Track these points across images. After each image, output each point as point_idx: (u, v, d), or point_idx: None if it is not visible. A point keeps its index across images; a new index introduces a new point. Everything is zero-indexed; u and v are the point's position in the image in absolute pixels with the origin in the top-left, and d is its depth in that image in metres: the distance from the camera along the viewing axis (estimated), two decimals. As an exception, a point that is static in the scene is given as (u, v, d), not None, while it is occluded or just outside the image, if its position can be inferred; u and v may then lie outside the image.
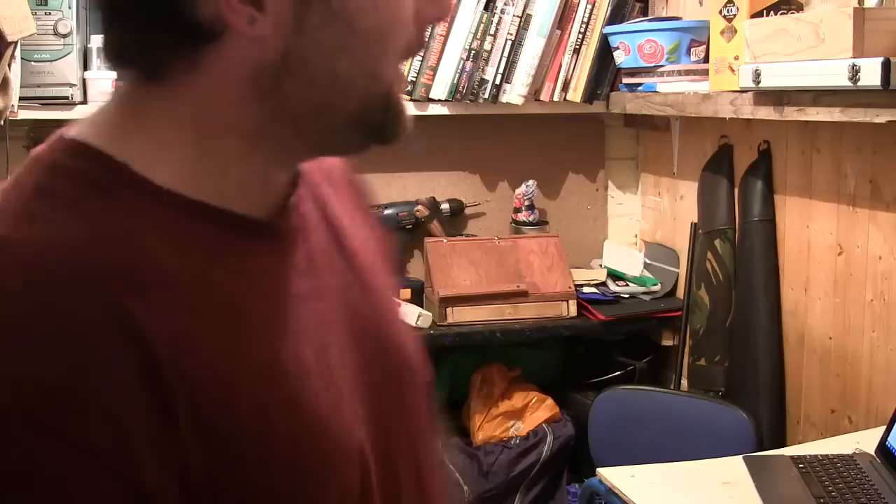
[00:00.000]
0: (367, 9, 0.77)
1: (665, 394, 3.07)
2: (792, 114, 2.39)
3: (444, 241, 3.41)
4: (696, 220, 3.27)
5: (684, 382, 3.29)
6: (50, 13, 2.96)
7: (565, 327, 3.31)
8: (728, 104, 2.68)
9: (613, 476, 2.18)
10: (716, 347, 3.12)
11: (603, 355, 3.53)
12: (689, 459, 2.27)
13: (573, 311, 3.31)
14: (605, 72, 3.43)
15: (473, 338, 3.22)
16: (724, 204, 3.12)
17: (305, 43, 0.76)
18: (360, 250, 0.95)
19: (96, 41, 3.09)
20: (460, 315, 3.23)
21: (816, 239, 2.77)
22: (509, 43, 3.34)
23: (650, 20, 3.31)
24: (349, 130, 0.82)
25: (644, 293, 3.46)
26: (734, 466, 2.16)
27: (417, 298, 3.37)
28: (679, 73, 3.11)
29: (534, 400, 3.37)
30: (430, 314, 3.22)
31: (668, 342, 3.45)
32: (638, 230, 3.79)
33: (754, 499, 2.00)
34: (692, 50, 3.14)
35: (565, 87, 3.42)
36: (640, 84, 3.24)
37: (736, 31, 2.74)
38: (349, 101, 0.80)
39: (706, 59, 3.01)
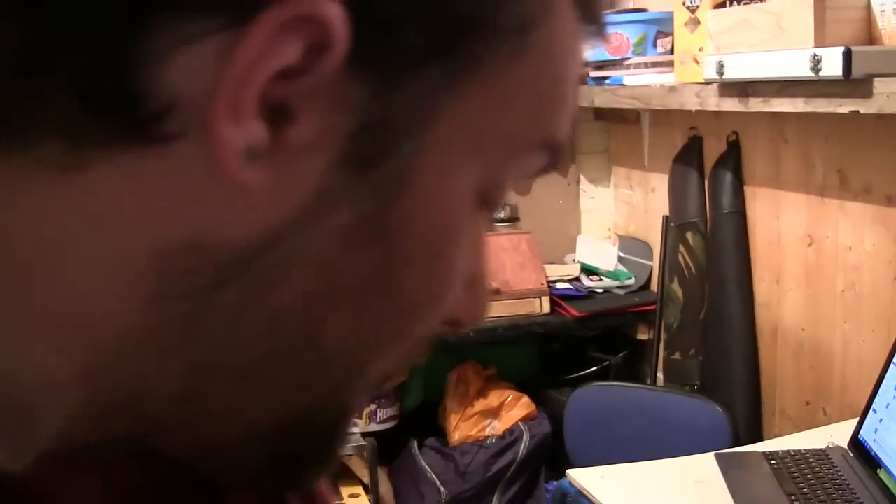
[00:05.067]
0: (420, 276, 0.45)
1: (640, 389, 3.05)
2: (757, 105, 2.36)
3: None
4: (667, 213, 3.24)
5: (660, 376, 3.27)
6: None
7: (539, 324, 3.28)
8: (694, 96, 2.65)
9: (583, 477, 2.16)
10: (690, 341, 3.10)
11: (578, 351, 3.51)
12: (664, 455, 2.24)
13: (546, 307, 3.29)
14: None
15: (446, 337, 3.16)
16: (695, 196, 3.09)
17: (309, 243, 0.41)
18: None
19: None
20: (432, 315, 3.18)
21: (787, 230, 2.75)
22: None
23: (616, 12, 3.27)
24: (252, 450, 0.47)
25: (618, 287, 3.43)
26: (706, 464, 2.14)
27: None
28: (646, 65, 3.08)
29: (509, 398, 3.35)
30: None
31: (643, 336, 3.42)
32: (611, 224, 3.76)
33: (726, 498, 1.98)
34: (658, 42, 3.11)
35: (533, 82, 3.37)
36: (607, 77, 3.21)
37: (699, 23, 2.71)
38: (291, 396, 0.45)
39: (673, 51, 2.97)
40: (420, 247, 0.43)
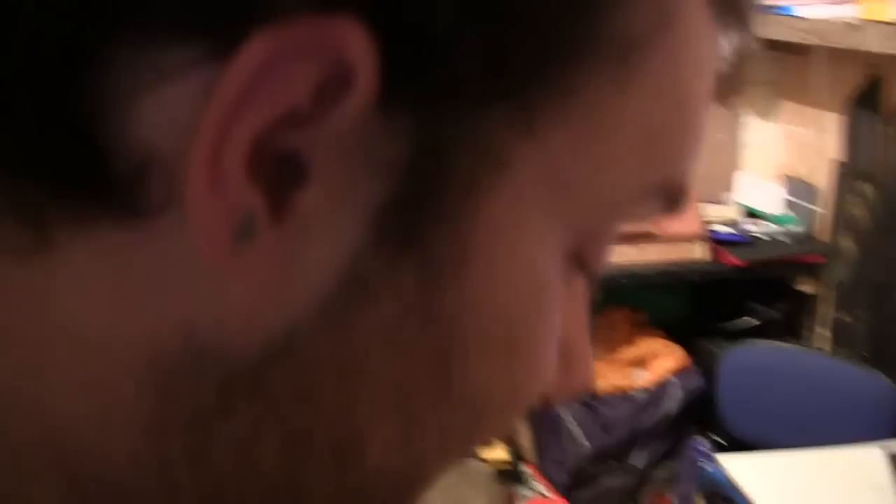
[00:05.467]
0: (493, 369, 0.35)
1: (802, 353, 2.84)
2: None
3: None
4: (839, 157, 2.98)
5: (823, 333, 3.04)
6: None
7: (695, 272, 3.07)
8: (879, 37, 2.38)
9: (736, 466, 1.97)
10: (860, 302, 2.87)
11: (735, 299, 3.28)
12: (825, 433, 2.07)
13: (704, 253, 3.06)
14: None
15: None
16: (873, 143, 2.82)
17: (337, 345, 0.32)
18: None
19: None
20: (580, 259, 3.00)
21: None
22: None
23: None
24: None
25: (782, 233, 3.18)
26: (877, 461, 1.93)
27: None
28: (823, -5, 2.81)
29: (660, 348, 3.16)
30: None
31: (806, 289, 3.18)
32: (775, 162, 3.49)
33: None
34: (840, -31, 2.83)
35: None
36: (775, 6, 2.94)
37: (891, -46, 2.43)
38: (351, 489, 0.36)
39: None
40: (488, 336, 0.34)
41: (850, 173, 2.90)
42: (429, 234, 0.31)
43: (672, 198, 0.38)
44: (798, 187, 3.29)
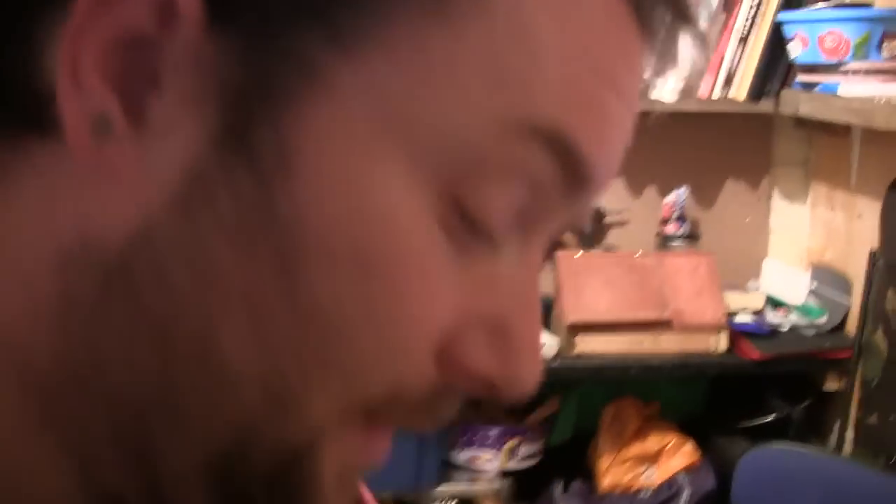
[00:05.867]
0: (344, 290, 0.38)
1: (826, 458, 2.61)
2: None
3: (578, 254, 2.96)
4: (875, 247, 2.76)
5: (849, 436, 2.81)
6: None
7: (712, 364, 2.86)
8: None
9: None
10: (892, 403, 2.63)
11: (754, 394, 3.06)
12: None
13: (723, 345, 2.84)
14: (776, 66, 2.92)
15: (604, 373, 2.81)
16: (915, 233, 2.61)
17: (187, 237, 0.38)
18: None
19: None
20: (591, 345, 2.79)
21: None
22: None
23: (834, 7, 2.79)
24: (199, 495, 0.40)
25: (807, 326, 2.96)
26: None
27: (544, 320, 2.93)
28: (867, 72, 2.61)
29: (671, 443, 2.92)
30: (556, 341, 2.79)
31: (832, 387, 2.94)
32: (804, 249, 3.28)
33: None
34: (885, 44, 2.64)
35: (728, 82, 2.93)
36: (817, 83, 2.74)
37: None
38: (208, 427, 0.39)
39: None
40: (330, 248, 0.38)
41: (886, 264, 2.68)
42: (257, 140, 0.37)
43: (560, 151, 0.39)
44: (825, 276, 3.08)
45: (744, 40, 2.90)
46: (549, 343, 2.76)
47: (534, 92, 0.38)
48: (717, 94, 2.93)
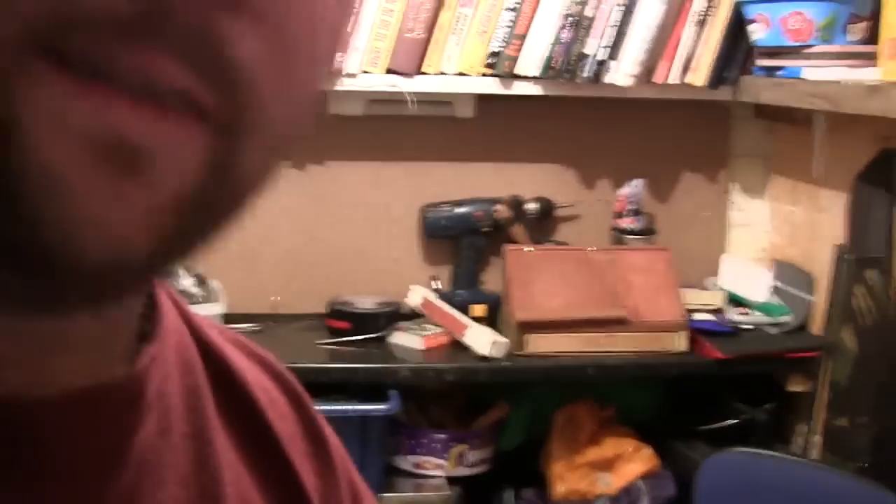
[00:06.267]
0: None
1: (792, 462, 2.51)
2: None
3: (528, 249, 2.83)
4: (842, 242, 2.65)
5: (816, 440, 2.70)
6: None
7: (673, 365, 2.73)
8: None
9: None
10: (861, 406, 2.53)
11: (715, 396, 2.93)
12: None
13: (683, 344, 2.72)
14: (736, 50, 2.81)
15: (558, 373, 2.68)
16: (883, 226, 2.50)
17: None
18: None
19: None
20: (543, 344, 2.65)
21: None
22: (618, 9, 2.72)
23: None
24: None
25: (770, 325, 2.84)
26: None
27: (492, 317, 2.81)
28: (833, 55, 2.50)
29: (629, 449, 2.80)
30: (506, 341, 2.65)
31: (796, 388, 2.82)
32: (766, 245, 3.15)
33: None
34: (850, 27, 2.53)
35: (685, 68, 2.80)
36: (780, 68, 2.62)
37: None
38: None
39: (869, 40, 2.40)
40: None
41: (853, 259, 2.57)
42: None
43: None
44: (788, 273, 2.96)
45: (701, 23, 2.77)
46: (498, 344, 2.62)
47: None
48: (673, 80, 2.80)
